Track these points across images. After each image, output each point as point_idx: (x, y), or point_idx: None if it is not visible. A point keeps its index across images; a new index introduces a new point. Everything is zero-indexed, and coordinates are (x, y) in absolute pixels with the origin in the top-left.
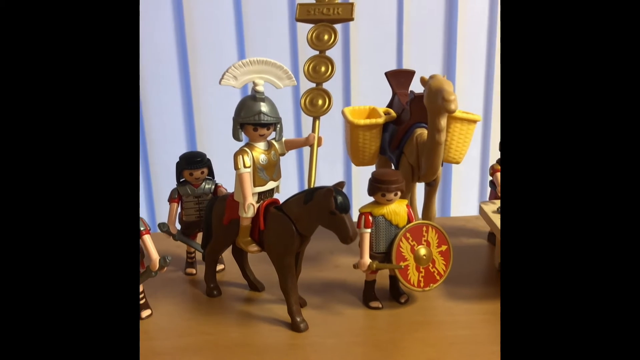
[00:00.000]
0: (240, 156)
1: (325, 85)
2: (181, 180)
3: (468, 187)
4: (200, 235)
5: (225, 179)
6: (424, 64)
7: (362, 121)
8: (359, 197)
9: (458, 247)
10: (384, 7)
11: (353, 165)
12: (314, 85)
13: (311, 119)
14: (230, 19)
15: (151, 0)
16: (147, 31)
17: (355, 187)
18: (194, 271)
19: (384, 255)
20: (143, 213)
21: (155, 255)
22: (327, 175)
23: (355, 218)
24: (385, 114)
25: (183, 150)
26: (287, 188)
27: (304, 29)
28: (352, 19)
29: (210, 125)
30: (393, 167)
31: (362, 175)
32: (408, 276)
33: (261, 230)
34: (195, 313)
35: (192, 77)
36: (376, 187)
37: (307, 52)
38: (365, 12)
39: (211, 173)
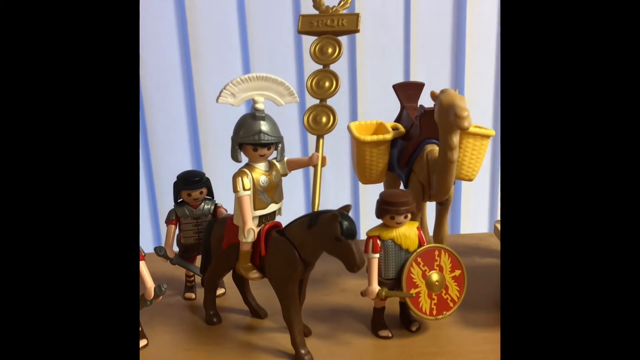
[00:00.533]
0: (239, 178)
1: (330, 99)
2: (179, 200)
3: (478, 202)
4: (199, 258)
5: (229, 199)
6: (432, 75)
7: (369, 137)
8: (367, 218)
9: (472, 268)
10: (390, 17)
11: (361, 184)
12: (317, 101)
13: (314, 137)
14: (234, 31)
15: (154, 12)
16: (150, 47)
17: (363, 206)
18: (193, 296)
19: (393, 281)
20: (147, 233)
21: (150, 284)
22: (332, 193)
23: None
24: (393, 129)
25: (187, 167)
26: (293, 209)
27: (310, 40)
28: (357, 31)
29: (214, 141)
30: (402, 185)
31: (370, 193)
32: (420, 304)
33: (262, 256)
34: (194, 343)
35: (197, 91)
36: (385, 209)
37: (312, 66)
38: (371, 23)
39: (210, 193)
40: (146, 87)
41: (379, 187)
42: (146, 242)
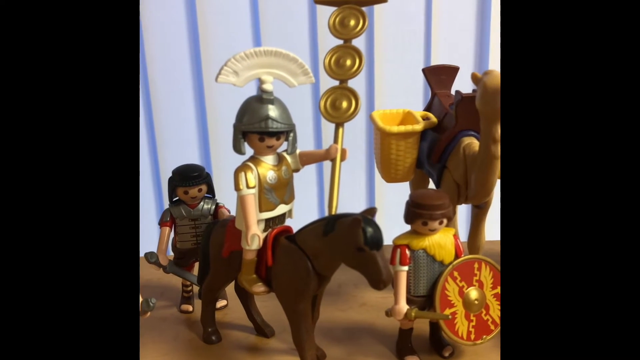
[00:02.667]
0: (243, 173)
1: (350, 83)
2: (174, 199)
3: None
4: (197, 266)
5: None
6: (453, 58)
7: (396, 128)
8: (387, 223)
9: None
10: (410, 7)
11: (378, 182)
12: (336, 83)
13: (333, 125)
14: (245, 5)
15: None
16: (155, 19)
17: (381, 209)
18: (190, 308)
19: (424, 299)
20: (153, 235)
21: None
22: (346, 194)
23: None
24: (423, 119)
25: (195, 162)
26: (304, 212)
27: (326, 12)
28: (385, 0)
29: (224, 131)
30: (433, 185)
31: (390, 193)
32: (455, 326)
33: (269, 267)
34: None
35: (205, 73)
36: (416, 213)
37: (328, 42)
38: (391, 14)
39: (211, 191)
40: (153, 71)
41: (401, 188)
42: (151, 246)
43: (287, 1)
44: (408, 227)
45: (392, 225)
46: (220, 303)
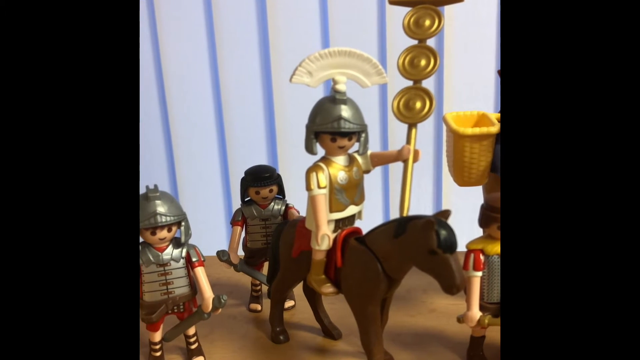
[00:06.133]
0: (314, 173)
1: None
2: (246, 199)
3: None
4: (267, 265)
5: (305, 200)
6: None
7: (471, 130)
8: (454, 227)
9: None
10: (482, 11)
11: (446, 185)
12: (406, 83)
13: (403, 126)
14: (314, 6)
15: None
16: (225, 19)
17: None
18: (259, 307)
19: (498, 306)
20: (222, 235)
21: (208, 294)
22: (414, 196)
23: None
24: (499, 122)
25: (263, 162)
26: (370, 214)
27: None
28: (461, 0)
29: (292, 133)
30: None
31: (457, 197)
32: None
33: (338, 268)
34: None
35: (274, 74)
36: (492, 217)
37: (397, 43)
38: (462, 17)
39: (282, 191)
40: (223, 73)
41: (469, 192)
42: (220, 245)
43: (357, 2)
44: (477, 234)
45: (459, 230)
46: (288, 303)
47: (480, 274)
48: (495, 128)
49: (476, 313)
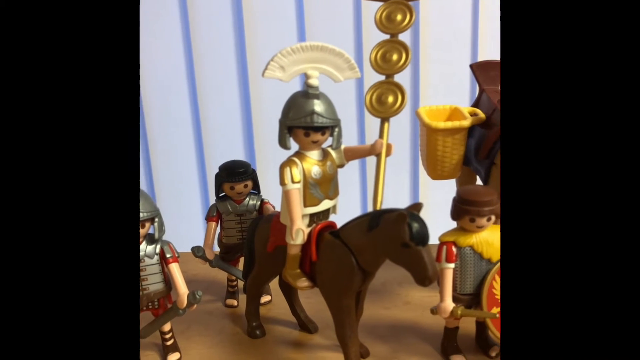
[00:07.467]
0: (288, 168)
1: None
2: (221, 195)
3: None
4: (242, 260)
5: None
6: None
7: (443, 124)
8: (431, 221)
9: None
10: (457, 6)
11: (422, 179)
12: (382, 77)
13: (377, 120)
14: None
15: None
16: (202, 15)
17: (425, 207)
18: (235, 303)
19: (471, 297)
20: (199, 231)
21: (183, 290)
22: (390, 191)
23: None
24: (471, 115)
25: (240, 157)
26: (347, 208)
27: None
28: None
29: (268, 128)
30: (480, 182)
31: (434, 191)
32: None
33: (313, 262)
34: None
35: (250, 69)
36: (464, 209)
37: (374, 38)
38: (436, 12)
39: (257, 187)
40: (199, 68)
41: (445, 185)
42: (196, 241)
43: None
44: (452, 226)
45: (436, 223)
46: (265, 298)
47: (452, 265)
48: (467, 122)
49: (449, 304)
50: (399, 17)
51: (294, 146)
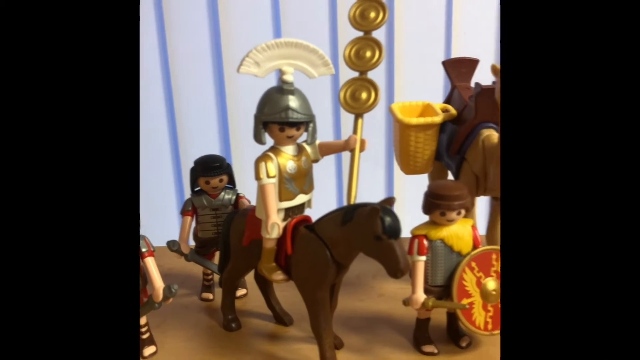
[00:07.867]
0: (263, 163)
1: (370, 76)
2: (196, 189)
3: None
4: (218, 254)
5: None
6: (474, 51)
7: (415, 120)
8: (405, 215)
9: None
10: (432, 1)
11: (397, 174)
12: (356, 74)
13: (352, 116)
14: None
15: None
16: (177, 11)
17: (399, 201)
18: (210, 296)
19: (442, 289)
20: (174, 225)
21: (159, 283)
22: (365, 185)
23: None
24: (443, 112)
25: (215, 150)
26: (323, 202)
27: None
28: None
29: (244, 123)
30: (451, 177)
31: (408, 185)
32: (472, 316)
33: (288, 255)
34: (209, 352)
35: (226, 64)
36: (434, 203)
37: (349, 35)
38: (411, 8)
39: (232, 181)
40: (174, 63)
41: (419, 180)
42: (172, 235)
43: None
44: (426, 220)
45: (410, 217)
46: (240, 292)
47: (424, 258)
48: (439, 118)
49: (420, 296)
50: (372, 14)
51: (269, 141)
